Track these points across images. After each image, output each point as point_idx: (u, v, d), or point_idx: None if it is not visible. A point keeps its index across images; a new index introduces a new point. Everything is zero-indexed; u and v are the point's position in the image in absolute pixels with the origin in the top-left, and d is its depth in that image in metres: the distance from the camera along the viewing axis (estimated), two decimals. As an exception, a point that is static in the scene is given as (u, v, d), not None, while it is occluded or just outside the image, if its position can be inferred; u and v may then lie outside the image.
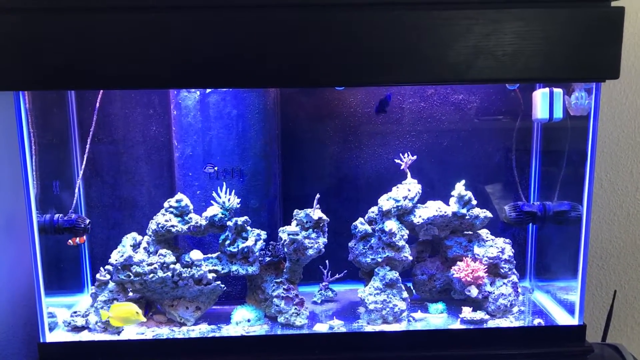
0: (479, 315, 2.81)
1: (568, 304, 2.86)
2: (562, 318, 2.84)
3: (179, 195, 2.87)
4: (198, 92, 2.91)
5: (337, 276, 3.17)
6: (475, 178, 3.23)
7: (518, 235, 3.35)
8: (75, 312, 2.82)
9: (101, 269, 2.84)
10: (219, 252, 2.88)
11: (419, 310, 2.94)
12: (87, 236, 3.04)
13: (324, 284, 3.18)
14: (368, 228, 2.93)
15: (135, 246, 2.85)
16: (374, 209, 2.98)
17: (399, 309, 2.79)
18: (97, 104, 2.95)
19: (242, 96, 2.94)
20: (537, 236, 3.30)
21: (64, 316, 2.68)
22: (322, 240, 2.84)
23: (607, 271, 3.50)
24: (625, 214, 3.42)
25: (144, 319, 2.66)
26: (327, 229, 2.88)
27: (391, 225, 2.84)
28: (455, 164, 3.26)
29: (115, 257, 2.73)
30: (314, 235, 2.83)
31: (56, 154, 3.04)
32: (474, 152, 3.28)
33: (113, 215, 3.21)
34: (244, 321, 2.81)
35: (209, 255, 2.88)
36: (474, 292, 2.85)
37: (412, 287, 3.12)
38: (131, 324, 2.67)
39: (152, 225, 2.84)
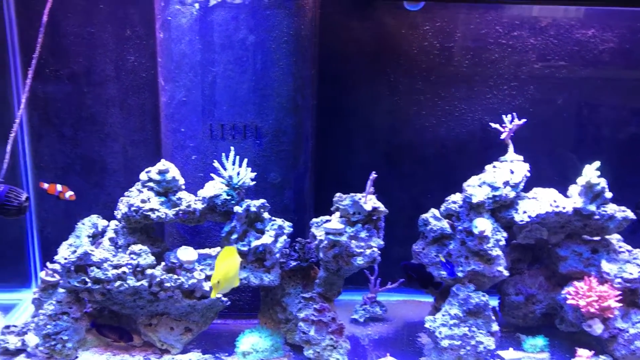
0: (604, 364, 1.90)
1: None
2: None
3: (164, 164, 1.92)
4: (197, 4, 1.88)
5: (389, 285, 2.24)
6: (603, 155, 2.21)
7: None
8: (7, 328, 1.97)
9: (47, 265, 1.93)
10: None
11: (511, 348, 2.01)
12: (35, 211, 2.11)
13: (369, 295, 2.25)
14: (446, 226, 1.97)
15: (97, 236, 1.94)
16: (456, 197, 2.01)
17: (484, 347, 1.88)
18: (45, 17, 1.92)
19: (262, 13, 1.91)
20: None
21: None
22: (377, 242, 1.92)
23: None
24: None
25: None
26: (384, 225, 1.91)
27: (484, 225, 1.88)
28: (574, 131, 2.26)
29: (65, 253, 1.82)
30: (364, 234, 1.89)
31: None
32: (604, 114, 2.29)
33: (73, 182, 2.29)
34: (254, 352, 1.92)
35: (207, 251, 1.95)
36: (597, 328, 1.94)
37: (496, 308, 2.17)
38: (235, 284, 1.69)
39: (123, 207, 1.90)
